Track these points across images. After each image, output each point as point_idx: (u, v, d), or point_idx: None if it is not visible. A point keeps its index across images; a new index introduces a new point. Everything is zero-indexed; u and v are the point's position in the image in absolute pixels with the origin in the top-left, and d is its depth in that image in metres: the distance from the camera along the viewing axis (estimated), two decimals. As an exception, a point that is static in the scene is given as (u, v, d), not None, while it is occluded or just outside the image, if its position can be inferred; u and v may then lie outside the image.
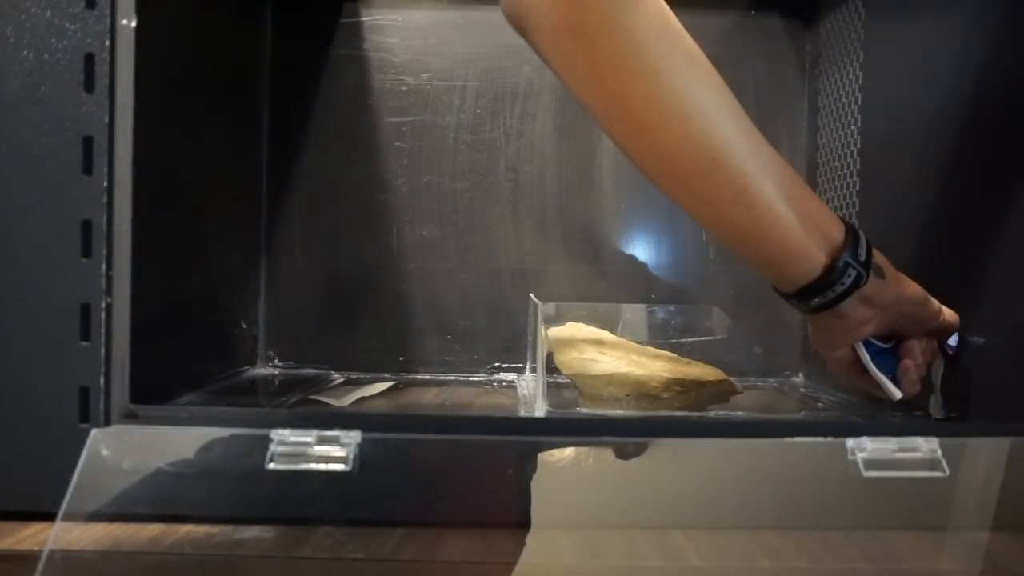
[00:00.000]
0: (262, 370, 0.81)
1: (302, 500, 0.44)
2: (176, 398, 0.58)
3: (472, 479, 0.45)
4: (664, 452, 0.46)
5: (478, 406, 0.67)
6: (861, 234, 0.50)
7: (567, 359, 0.60)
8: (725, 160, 0.44)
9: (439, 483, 0.45)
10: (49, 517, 0.42)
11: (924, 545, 0.43)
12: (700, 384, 0.60)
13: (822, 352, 0.55)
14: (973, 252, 0.55)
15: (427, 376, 0.81)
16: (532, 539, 0.43)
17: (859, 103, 0.73)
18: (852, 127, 0.74)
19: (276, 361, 0.81)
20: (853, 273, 0.48)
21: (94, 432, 0.45)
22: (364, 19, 0.82)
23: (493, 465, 0.45)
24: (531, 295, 0.57)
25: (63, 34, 0.46)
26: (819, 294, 0.49)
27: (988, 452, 0.46)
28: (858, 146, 0.72)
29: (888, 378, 0.54)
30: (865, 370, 0.54)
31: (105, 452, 0.45)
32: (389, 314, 0.82)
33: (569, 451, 0.46)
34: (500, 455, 0.45)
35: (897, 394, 0.53)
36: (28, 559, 0.40)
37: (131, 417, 0.46)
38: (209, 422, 0.46)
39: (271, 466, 0.44)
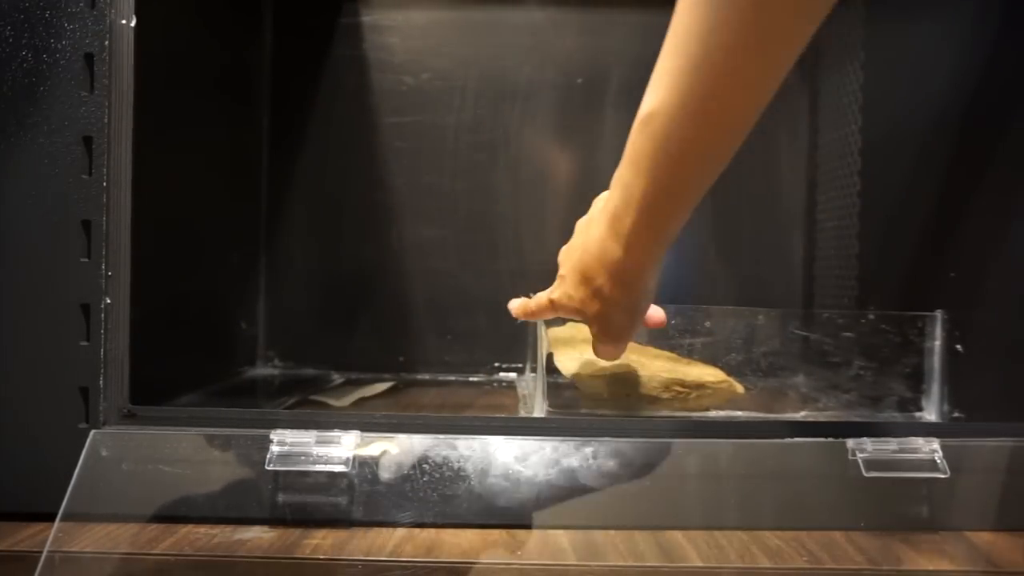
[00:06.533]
0: (262, 370, 0.80)
1: (302, 500, 0.44)
2: (176, 398, 0.58)
3: (473, 479, 0.45)
4: (665, 452, 0.46)
5: (478, 406, 0.67)
6: None
7: (567, 359, 0.59)
8: None
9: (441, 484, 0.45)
10: (49, 518, 0.42)
11: (924, 545, 0.43)
12: (700, 384, 0.59)
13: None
14: (974, 252, 0.55)
15: (427, 376, 0.81)
16: (532, 539, 0.43)
17: (860, 103, 0.72)
18: (852, 127, 0.73)
19: (276, 361, 0.81)
20: None
21: (93, 433, 0.45)
22: (364, 19, 0.82)
23: (495, 465, 0.45)
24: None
25: (63, 34, 0.46)
26: None
27: (989, 454, 0.46)
28: (859, 146, 0.72)
29: None
30: None
31: (104, 453, 0.45)
32: (389, 314, 0.82)
33: (569, 451, 0.46)
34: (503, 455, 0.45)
35: None
36: (27, 560, 0.40)
37: (130, 418, 0.46)
38: (209, 423, 0.46)
39: (271, 466, 0.44)
